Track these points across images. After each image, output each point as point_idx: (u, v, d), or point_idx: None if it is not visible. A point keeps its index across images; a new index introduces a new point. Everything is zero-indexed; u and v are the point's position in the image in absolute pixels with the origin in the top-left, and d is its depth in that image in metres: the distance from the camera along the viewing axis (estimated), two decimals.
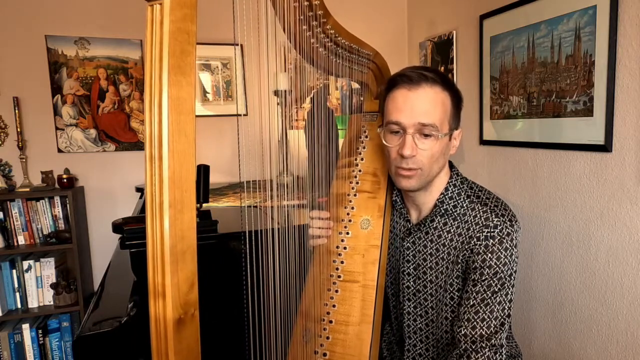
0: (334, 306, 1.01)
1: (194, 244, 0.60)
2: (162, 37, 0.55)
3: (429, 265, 1.02)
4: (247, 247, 0.82)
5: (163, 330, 0.58)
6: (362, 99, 1.25)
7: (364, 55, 1.08)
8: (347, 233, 1.06)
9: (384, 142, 0.98)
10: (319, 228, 1.06)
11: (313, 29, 0.90)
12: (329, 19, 0.91)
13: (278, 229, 0.91)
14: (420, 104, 0.92)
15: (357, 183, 1.12)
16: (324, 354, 0.97)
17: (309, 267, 1.06)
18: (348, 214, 1.09)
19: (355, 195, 1.10)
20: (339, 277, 1.03)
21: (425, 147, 0.93)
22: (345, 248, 1.05)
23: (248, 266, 0.82)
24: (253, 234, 0.84)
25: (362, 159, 1.15)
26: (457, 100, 0.97)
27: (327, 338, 0.98)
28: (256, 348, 0.87)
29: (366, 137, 1.18)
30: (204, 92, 2.47)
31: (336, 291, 1.02)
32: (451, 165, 1.05)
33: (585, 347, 1.51)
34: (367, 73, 1.14)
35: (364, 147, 1.17)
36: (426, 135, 0.93)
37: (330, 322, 0.99)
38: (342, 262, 1.04)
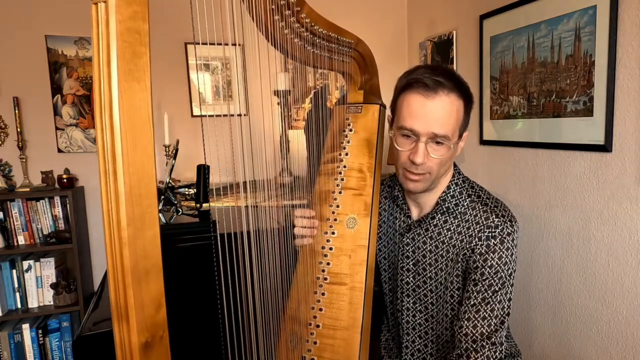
0: (320, 310, 0.97)
1: (159, 263, 0.56)
2: (109, 39, 0.50)
3: (428, 262, 1.03)
4: (219, 251, 0.79)
5: (129, 355, 0.55)
6: (345, 89, 1.18)
7: (344, 44, 1.02)
8: (333, 233, 1.02)
9: (395, 145, 0.97)
10: (304, 227, 1.03)
11: (286, 19, 0.86)
12: (303, 7, 0.86)
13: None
14: (435, 113, 0.91)
15: (342, 180, 1.06)
16: None
17: (295, 268, 1.02)
18: (333, 212, 1.04)
19: (340, 192, 1.05)
20: (326, 279, 0.99)
21: (437, 154, 0.94)
22: (331, 249, 1.01)
23: (221, 269, 0.79)
24: (233, 236, 0.83)
25: (346, 154, 1.09)
26: (469, 104, 0.98)
27: (315, 343, 0.95)
28: (245, 352, 0.85)
29: (350, 130, 1.12)
30: (202, 92, 2.47)
31: (323, 294, 0.98)
32: (454, 165, 1.06)
33: (585, 347, 1.51)
34: (349, 62, 1.08)
35: (348, 142, 1.10)
36: (438, 143, 0.93)
37: (318, 326, 0.96)
38: (328, 264, 1.00)
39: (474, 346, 0.91)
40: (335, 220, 1.03)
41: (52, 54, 2.25)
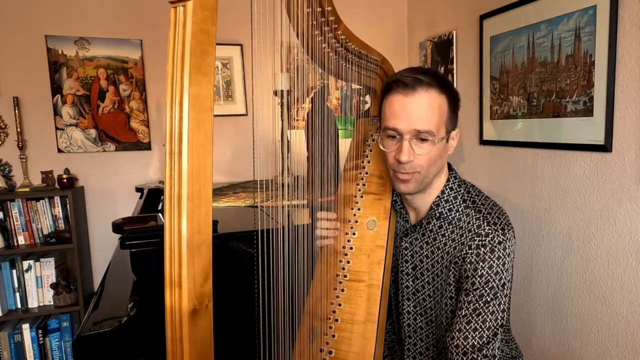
0: (339, 305, 1.02)
1: (210, 238, 0.62)
2: (185, 38, 0.57)
3: (425, 267, 1.02)
4: (259, 246, 0.83)
5: (178, 320, 0.60)
6: (366, 101, 1.27)
7: (372, 61, 1.10)
8: (354, 234, 1.08)
9: (381, 147, 0.98)
10: (327, 229, 1.08)
11: (325, 34, 0.93)
12: (340, 25, 0.94)
13: (284, 228, 0.91)
14: (416, 110, 0.92)
15: (363, 185, 1.14)
16: (330, 352, 0.99)
17: (316, 266, 1.08)
18: (355, 214, 1.11)
19: (361, 196, 1.13)
20: (345, 276, 1.04)
21: (422, 151, 0.93)
22: (351, 248, 1.07)
23: (259, 265, 0.84)
24: (263, 234, 0.84)
25: (368, 162, 1.17)
26: (454, 101, 0.97)
27: (333, 336, 1.00)
28: (264, 345, 0.88)
29: (372, 140, 1.20)
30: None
31: (342, 290, 1.03)
32: (450, 168, 1.05)
33: (585, 347, 1.51)
34: (374, 78, 1.16)
35: (370, 150, 1.19)
36: (423, 140, 0.93)
37: (336, 320, 1.01)
38: (348, 262, 1.06)
39: (464, 358, 0.90)
40: (356, 222, 1.10)
41: (52, 54, 2.25)
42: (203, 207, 0.60)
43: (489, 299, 0.92)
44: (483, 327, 0.91)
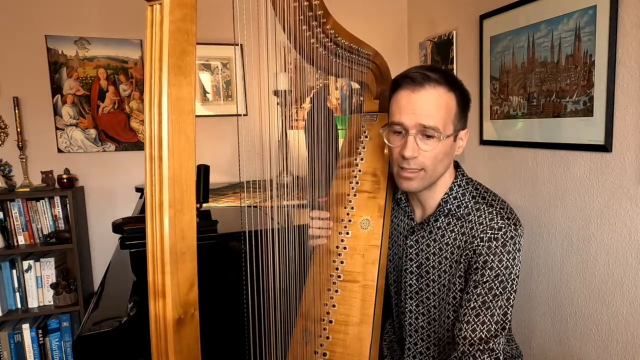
0: (334, 306, 1.01)
1: (194, 244, 0.59)
2: (162, 37, 0.55)
3: (431, 264, 1.02)
4: (247, 247, 0.82)
5: (163, 330, 0.58)
6: (361, 98, 1.25)
7: (363, 56, 1.07)
8: (347, 233, 1.06)
9: (386, 142, 0.98)
10: (319, 228, 1.06)
11: (313, 29, 0.90)
12: (328, 19, 0.91)
13: (278, 229, 0.91)
14: (422, 106, 0.91)
15: (357, 183, 1.12)
16: (324, 354, 0.97)
17: (309, 267, 1.06)
18: (348, 214, 1.09)
19: (355, 195, 1.10)
20: (339, 277, 1.03)
21: (428, 148, 0.92)
22: (345, 248, 1.05)
23: (248, 266, 0.82)
24: (253, 234, 0.83)
25: (362, 159, 1.15)
26: (463, 100, 0.97)
27: (327, 338, 0.98)
28: (256, 348, 0.87)
29: (366, 137, 1.18)
30: (204, 92, 2.47)
31: (336, 291, 1.02)
32: (457, 166, 1.05)
33: (585, 347, 1.51)
34: (366, 73, 1.13)
35: (363, 147, 1.16)
36: (428, 137, 0.92)
37: (330, 322, 0.99)
38: (342, 262, 1.04)
39: (471, 349, 0.90)
40: (350, 221, 1.08)
41: (52, 54, 2.25)
42: (186, 212, 0.58)
43: (497, 293, 0.92)
44: (491, 320, 0.91)
